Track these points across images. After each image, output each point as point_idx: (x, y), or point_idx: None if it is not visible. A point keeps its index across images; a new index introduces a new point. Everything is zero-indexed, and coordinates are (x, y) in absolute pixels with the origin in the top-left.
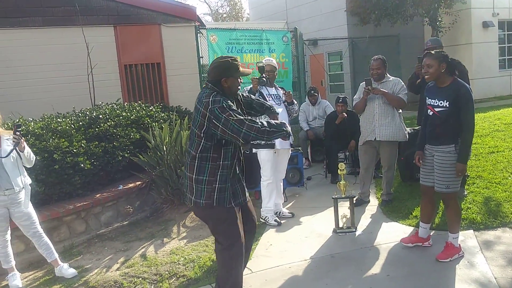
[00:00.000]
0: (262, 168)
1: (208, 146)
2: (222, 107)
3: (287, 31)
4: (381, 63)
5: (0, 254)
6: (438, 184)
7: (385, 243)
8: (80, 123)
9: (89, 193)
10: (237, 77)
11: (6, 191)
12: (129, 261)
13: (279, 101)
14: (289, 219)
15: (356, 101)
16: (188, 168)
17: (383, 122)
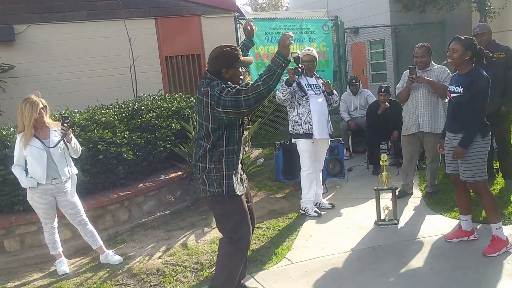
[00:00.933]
0: (301, 159)
1: (216, 136)
2: (221, 88)
3: (328, 19)
4: (426, 51)
5: (48, 241)
6: (463, 174)
7: (429, 236)
8: (123, 114)
9: (132, 183)
10: (238, 67)
11: (54, 180)
12: (171, 250)
13: (319, 91)
14: (329, 211)
15: (399, 90)
16: (200, 159)
17: (426, 113)
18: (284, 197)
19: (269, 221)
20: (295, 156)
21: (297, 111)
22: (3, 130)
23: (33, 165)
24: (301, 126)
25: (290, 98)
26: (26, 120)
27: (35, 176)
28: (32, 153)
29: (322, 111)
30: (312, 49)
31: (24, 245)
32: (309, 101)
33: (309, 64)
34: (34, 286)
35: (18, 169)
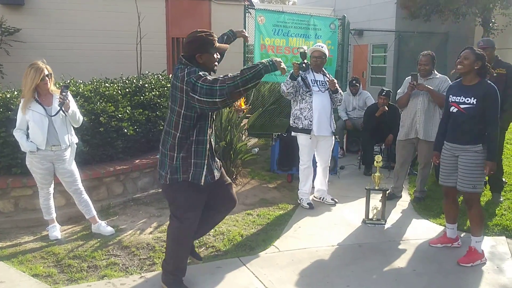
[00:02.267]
0: (300, 152)
1: (187, 125)
2: (198, 75)
3: (335, 18)
4: (430, 59)
5: (43, 206)
6: (463, 184)
7: (414, 239)
8: (127, 90)
9: (129, 158)
10: (213, 53)
11: (53, 147)
12: (162, 227)
13: (324, 88)
14: (319, 205)
15: (400, 96)
16: (167, 147)
17: (424, 120)
18: (276, 187)
19: (260, 209)
20: (291, 149)
21: (299, 105)
22: (7, 93)
23: (34, 130)
24: (301, 121)
25: (294, 92)
26: (28, 84)
27: (35, 141)
28: (34, 118)
29: (324, 108)
30: (323, 46)
31: (18, 208)
32: (312, 97)
33: (318, 60)
34: (25, 248)
35: (20, 133)
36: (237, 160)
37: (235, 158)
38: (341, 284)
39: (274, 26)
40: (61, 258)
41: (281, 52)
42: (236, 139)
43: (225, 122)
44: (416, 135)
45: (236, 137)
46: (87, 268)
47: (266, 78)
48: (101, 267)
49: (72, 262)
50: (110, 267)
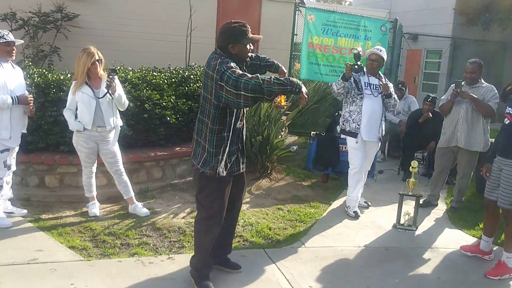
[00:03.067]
0: (349, 156)
1: (214, 115)
2: (229, 66)
3: (387, 21)
4: (477, 67)
5: (85, 183)
6: (502, 199)
7: (443, 247)
8: (173, 79)
9: (170, 145)
10: (245, 44)
11: (99, 128)
12: (194, 213)
13: (377, 92)
14: None
15: (443, 102)
16: (201, 136)
17: (465, 129)
18: (310, 185)
19: (291, 205)
20: (328, 149)
21: (349, 107)
22: (61, 75)
23: (82, 111)
24: (349, 124)
25: (344, 93)
26: (80, 68)
27: (82, 121)
28: (82, 100)
29: (374, 112)
30: (381, 49)
31: (63, 184)
32: (363, 100)
33: (374, 63)
34: (65, 222)
35: (69, 113)
36: (273, 155)
37: (270, 154)
38: (361, 284)
39: (323, 25)
40: (97, 233)
41: (328, 51)
42: (273, 135)
43: (264, 117)
44: (457, 144)
45: (273, 133)
46: (120, 245)
47: (311, 77)
48: (133, 245)
49: (106, 238)
50: (141, 246)
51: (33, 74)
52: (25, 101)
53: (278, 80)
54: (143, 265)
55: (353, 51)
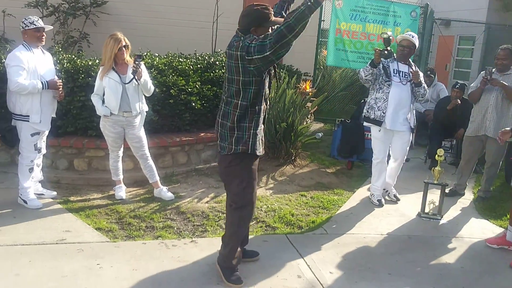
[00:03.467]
0: (372, 145)
1: (247, 92)
2: (252, 38)
3: (417, 6)
4: (509, 54)
5: (112, 167)
6: None
7: (469, 237)
8: (198, 65)
9: (195, 131)
10: (268, 27)
11: (125, 113)
12: (218, 198)
13: (406, 80)
14: None
15: (472, 90)
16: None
17: (495, 117)
18: (334, 172)
19: (314, 192)
20: (353, 136)
21: (375, 94)
22: (89, 61)
23: (109, 96)
24: (374, 111)
25: (372, 79)
26: (107, 53)
27: (109, 106)
28: (109, 85)
29: (401, 101)
30: (414, 35)
31: (91, 167)
32: (390, 87)
33: (405, 50)
34: (92, 204)
35: (96, 98)
36: (297, 142)
37: (295, 140)
38: (382, 271)
39: (351, 10)
40: (123, 216)
41: (356, 37)
42: (297, 121)
43: (288, 103)
44: (485, 132)
45: (298, 120)
46: (144, 227)
47: (338, 63)
48: (157, 228)
49: (132, 221)
50: (166, 229)
51: (63, 59)
52: (55, 86)
53: (290, 12)
54: (166, 247)
55: (383, 36)
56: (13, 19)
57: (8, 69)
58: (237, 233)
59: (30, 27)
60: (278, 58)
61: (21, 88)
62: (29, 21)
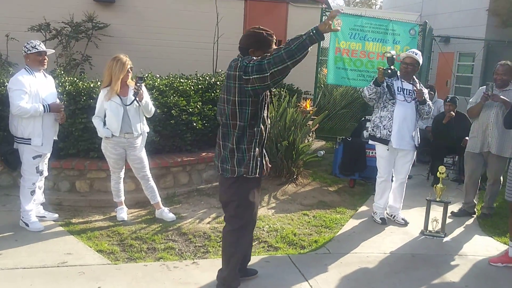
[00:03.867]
0: (377, 164)
1: (244, 112)
2: (250, 58)
3: (416, 24)
4: (508, 69)
5: (113, 189)
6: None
7: (473, 255)
8: (199, 86)
9: (196, 151)
10: (267, 52)
11: (126, 134)
12: (220, 218)
13: (410, 98)
14: None
15: (471, 105)
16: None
17: (496, 134)
18: (336, 191)
19: (316, 211)
20: (354, 154)
21: (380, 113)
22: (91, 83)
23: (111, 118)
24: (380, 130)
25: (376, 98)
26: (115, 77)
27: (110, 128)
28: (111, 107)
29: (406, 119)
30: (417, 52)
31: (93, 189)
32: (394, 106)
33: (409, 67)
34: (94, 225)
35: (97, 120)
36: (299, 160)
37: (296, 159)
38: None
39: (351, 29)
40: (124, 238)
41: (356, 56)
42: (298, 140)
43: (289, 122)
44: (488, 149)
45: (299, 138)
46: (146, 249)
47: (338, 82)
48: (159, 250)
49: (133, 243)
50: (167, 251)
51: (65, 82)
52: (57, 109)
53: (291, 39)
54: (168, 269)
55: (386, 55)
56: (16, 43)
57: (11, 93)
58: (235, 254)
59: (32, 51)
60: (275, 83)
61: (23, 112)
62: (31, 45)
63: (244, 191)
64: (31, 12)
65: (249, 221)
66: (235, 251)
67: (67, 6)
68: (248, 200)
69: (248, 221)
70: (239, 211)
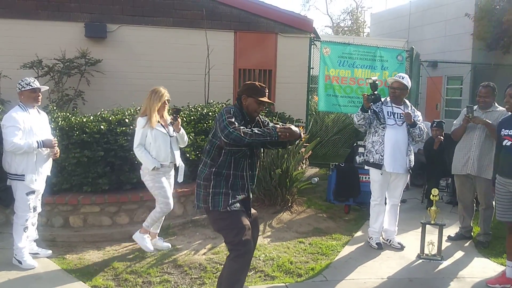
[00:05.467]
0: (371, 187)
1: (215, 153)
2: (228, 110)
3: (403, 50)
4: (490, 91)
5: (156, 218)
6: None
7: (470, 277)
8: (192, 117)
9: (190, 182)
10: (256, 101)
11: (170, 163)
12: (215, 249)
13: (401, 121)
14: None
15: (456, 127)
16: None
17: (477, 155)
18: (331, 217)
19: (312, 238)
20: (348, 179)
21: (372, 138)
22: (83, 118)
23: (159, 147)
24: (373, 155)
25: (366, 124)
26: (153, 106)
27: (159, 158)
28: (157, 137)
29: (398, 142)
30: (404, 76)
31: (86, 223)
32: (385, 130)
33: (397, 91)
34: (89, 261)
35: (142, 148)
36: (293, 188)
37: (290, 186)
38: None
39: (339, 57)
40: (119, 272)
41: (346, 83)
42: (292, 167)
43: (282, 150)
44: (469, 172)
45: (292, 165)
46: (141, 283)
47: (329, 108)
48: (154, 283)
49: (128, 277)
50: (163, 284)
51: (57, 118)
52: (50, 144)
53: (259, 131)
54: None
55: (368, 81)
56: (9, 81)
57: (4, 130)
58: (239, 282)
59: (26, 88)
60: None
61: (16, 148)
62: (26, 83)
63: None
64: (23, 50)
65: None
66: (239, 278)
67: (59, 43)
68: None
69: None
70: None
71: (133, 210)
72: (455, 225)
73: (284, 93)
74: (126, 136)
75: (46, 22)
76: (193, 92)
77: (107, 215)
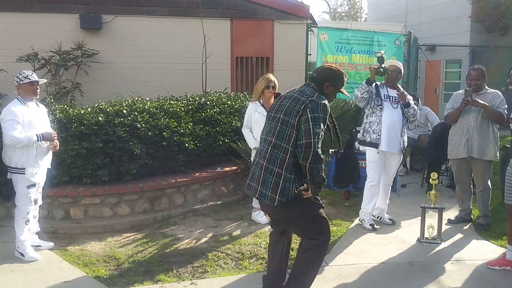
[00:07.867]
0: (367, 168)
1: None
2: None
3: (400, 34)
4: (481, 74)
5: None
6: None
7: (470, 259)
8: (190, 107)
9: (190, 171)
10: (337, 90)
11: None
12: (217, 237)
13: (397, 104)
14: (376, 224)
15: (449, 111)
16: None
17: (476, 138)
18: (331, 203)
19: None
20: (347, 165)
21: (369, 118)
22: (81, 110)
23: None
24: (369, 135)
25: (367, 98)
26: (258, 89)
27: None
28: (258, 119)
29: (394, 123)
30: (397, 61)
31: (87, 215)
32: (382, 111)
33: (393, 74)
34: (90, 252)
35: (247, 130)
36: None
37: None
38: None
39: (337, 43)
40: (121, 262)
41: (343, 68)
42: None
43: None
44: (468, 154)
45: None
46: (143, 272)
47: None
48: (156, 272)
49: (131, 267)
50: (165, 273)
51: (55, 110)
52: (50, 137)
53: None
54: None
55: (377, 55)
56: (5, 74)
57: (3, 124)
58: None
59: (24, 81)
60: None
61: (16, 142)
62: (24, 76)
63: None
64: (19, 43)
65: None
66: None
67: (54, 35)
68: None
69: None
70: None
71: (133, 200)
72: (454, 208)
73: (282, 80)
74: (124, 127)
75: (40, 15)
76: (190, 81)
77: (108, 206)
